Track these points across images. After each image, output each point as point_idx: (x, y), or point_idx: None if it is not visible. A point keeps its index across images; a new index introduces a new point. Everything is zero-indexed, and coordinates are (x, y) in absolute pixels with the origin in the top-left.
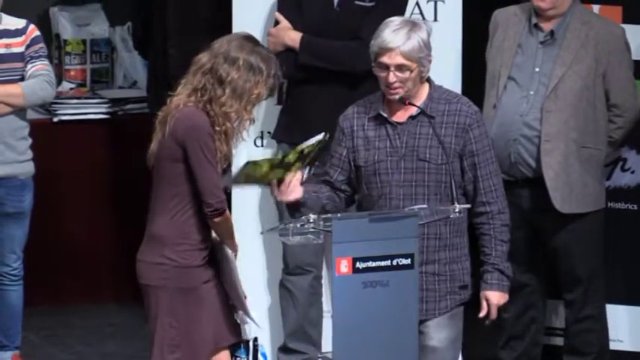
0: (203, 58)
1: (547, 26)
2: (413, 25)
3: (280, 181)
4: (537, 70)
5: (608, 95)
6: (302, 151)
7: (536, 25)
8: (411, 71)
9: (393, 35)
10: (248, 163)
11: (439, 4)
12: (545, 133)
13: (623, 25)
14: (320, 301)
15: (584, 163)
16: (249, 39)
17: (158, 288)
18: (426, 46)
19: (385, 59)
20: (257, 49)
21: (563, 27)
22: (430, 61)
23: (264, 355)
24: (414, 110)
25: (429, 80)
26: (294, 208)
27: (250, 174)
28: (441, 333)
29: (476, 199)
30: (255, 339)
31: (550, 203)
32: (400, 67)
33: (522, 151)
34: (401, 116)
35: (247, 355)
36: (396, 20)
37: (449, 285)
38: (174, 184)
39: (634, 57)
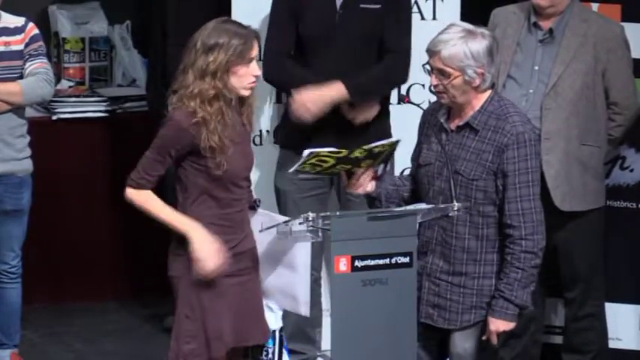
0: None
1: (546, 24)
2: (468, 34)
3: (349, 174)
4: (536, 68)
5: (608, 93)
6: (371, 150)
7: (535, 24)
8: (452, 78)
9: (440, 39)
10: (311, 153)
11: (438, 2)
12: (545, 132)
13: (623, 23)
14: (319, 301)
15: (584, 161)
16: (219, 21)
17: (177, 278)
18: (475, 56)
19: (430, 61)
20: (219, 27)
21: (562, 25)
22: (482, 73)
23: (285, 347)
24: (462, 120)
25: (493, 90)
26: (370, 202)
27: (316, 164)
28: (466, 342)
29: (502, 220)
30: (281, 329)
31: (550, 201)
32: (441, 72)
33: None
34: (453, 124)
35: (274, 344)
36: (456, 26)
37: (475, 300)
38: (177, 181)
39: (633, 55)
